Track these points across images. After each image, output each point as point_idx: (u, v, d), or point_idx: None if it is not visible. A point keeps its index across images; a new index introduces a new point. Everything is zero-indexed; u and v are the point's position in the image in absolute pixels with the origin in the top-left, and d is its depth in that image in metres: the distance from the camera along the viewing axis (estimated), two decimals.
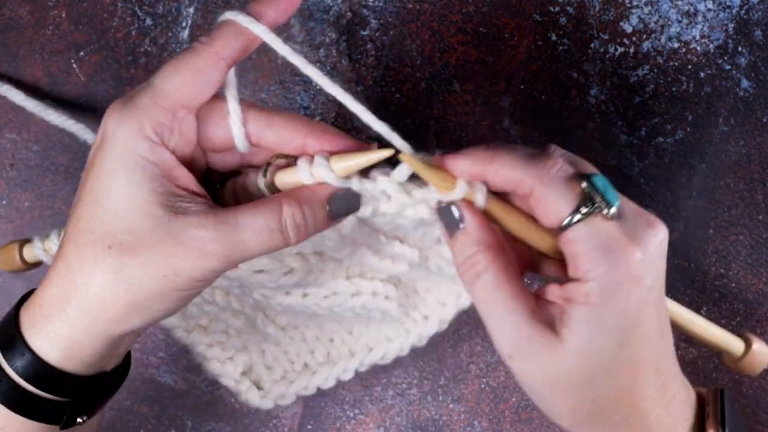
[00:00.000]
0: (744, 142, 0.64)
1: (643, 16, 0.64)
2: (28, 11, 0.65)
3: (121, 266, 0.40)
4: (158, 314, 0.42)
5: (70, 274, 0.41)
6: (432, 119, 0.65)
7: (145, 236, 0.40)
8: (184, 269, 0.40)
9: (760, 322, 0.64)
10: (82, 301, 0.41)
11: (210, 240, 0.40)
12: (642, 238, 0.40)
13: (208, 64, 0.42)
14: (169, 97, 0.41)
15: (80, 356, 0.42)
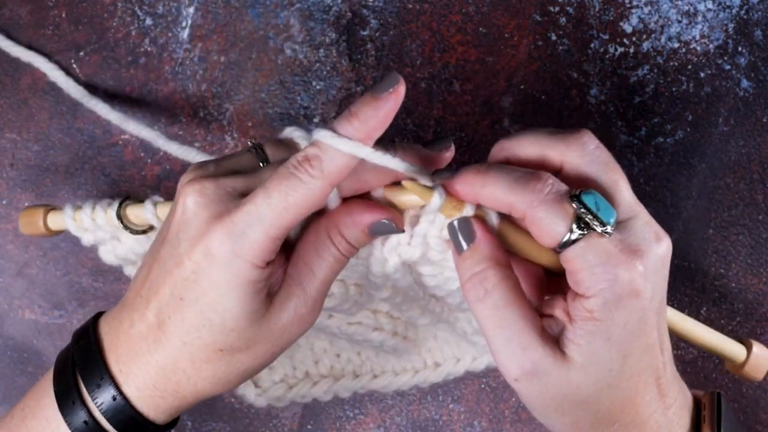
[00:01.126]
0: (744, 142, 0.64)
1: (643, 16, 0.64)
2: (28, 11, 0.65)
3: (233, 360, 0.44)
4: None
5: (179, 366, 0.44)
6: (432, 119, 0.65)
7: (254, 336, 0.44)
8: (289, 340, 0.45)
9: (760, 322, 0.64)
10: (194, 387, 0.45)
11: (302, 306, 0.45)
12: (644, 251, 0.40)
13: (321, 198, 0.42)
14: (280, 229, 0.42)
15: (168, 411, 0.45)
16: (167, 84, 0.65)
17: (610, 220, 0.40)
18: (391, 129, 0.64)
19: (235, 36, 0.65)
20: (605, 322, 0.40)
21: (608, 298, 0.40)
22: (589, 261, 0.40)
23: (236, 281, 0.42)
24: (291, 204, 0.41)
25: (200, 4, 0.65)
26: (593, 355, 0.41)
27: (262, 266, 0.42)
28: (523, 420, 0.65)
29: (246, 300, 0.42)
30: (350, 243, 0.44)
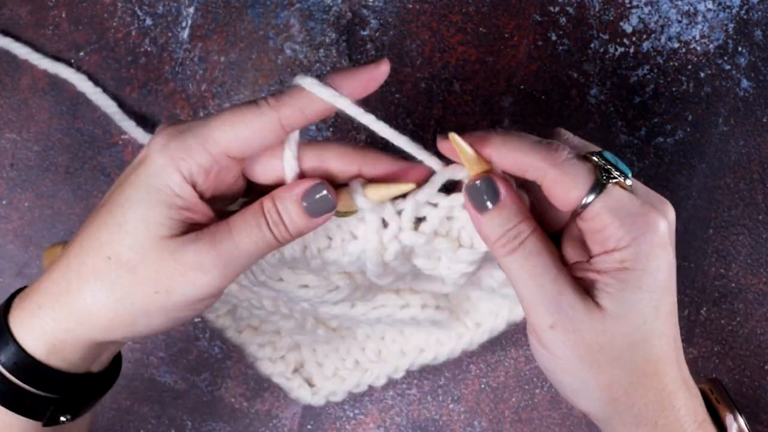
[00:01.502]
0: (744, 142, 0.64)
1: (643, 16, 0.64)
2: (28, 11, 0.65)
3: (116, 278, 0.41)
4: (143, 330, 0.43)
5: (68, 274, 0.42)
6: (432, 119, 0.65)
7: (145, 254, 0.41)
8: (178, 286, 0.41)
9: (760, 322, 0.64)
10: (71, 303, 0.42)
11: (205, 251, 0.41)
12: (659, 208, 0.42)
13: (267, 129, 0.42)
14: (217, 146, 0.42)
15: (63, 354, 0.43)
16: (167, 84, 0.65)
17: (629, 173, 0.42)
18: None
19: (235, 36, 0.65)
20: (637, 271, 0.41)
21: (641, 247, 0.40)
22: (618, 212, 0.40)
23: (156, 178, 0.41)
24: (236, 122, 0.41)
25: (200, 4, 0.65)
26: (627, 303, 0.41)
27: (187, 179, 0.41)
28: (523, 420, 0.65)
29: (156, 209, 0.41)
30: (280, 214, 0.42)
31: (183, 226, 0.42)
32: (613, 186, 0.41)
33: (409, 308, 0.56)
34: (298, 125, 0.42)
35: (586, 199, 0.41)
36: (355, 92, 0.43)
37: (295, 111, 0.42)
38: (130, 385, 0.65)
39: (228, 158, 0.42)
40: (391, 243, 0.46)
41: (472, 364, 0.65)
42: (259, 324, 0.59)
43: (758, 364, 0.64)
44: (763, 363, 0.64)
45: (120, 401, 0.65)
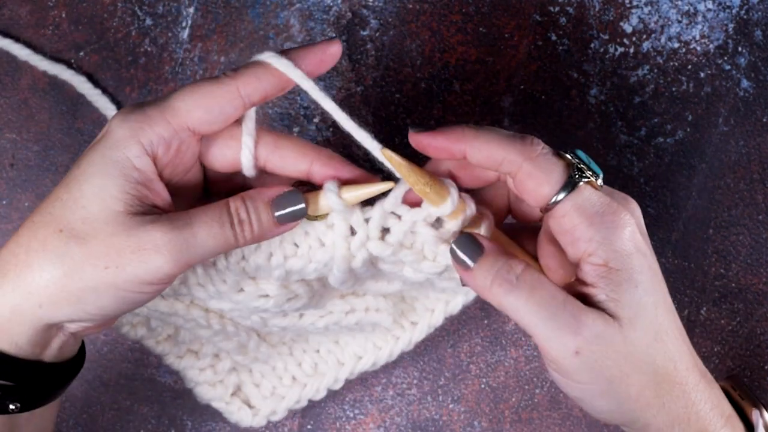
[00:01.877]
0: (744, 142, 0.64)
1: (643, 16, 0.64)
2: (28, 11, 0.65)
3: (65, 251, 0.40)
4: (91, 309, 0.41)
5: (17, 249, 0.41)
6: (432, 119, 0.65)
7: (97, 227, 0.40)
8: (129, 264, 0.40)
9: (760, 322, 0.64)
10: (18, 277, 0.41)
11: (162, 236, 0.40)
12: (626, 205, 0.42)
13: (225, 97, 0.42)
14: (177, 116, 0.41)
15: (9, 334, 0.41)
16: (167, 84, 0.65)
17: (601, 173, 0.42)
18: (391, 129, 0.65)
19: (235, 36, 0.65)
20: (625, 270, 0.40)
21: (615, 244, 0.40)
22: (587, 211, 0.40)
23: (113, 150, 0.40)
24: (196, 90, 0.41)
25: (200, 4, 0.65)
26: (633, 304, 0.40)
27: (147, 151, 0.41)
28: (523, 420, 0.65)
29: (112, 181, 0.40)
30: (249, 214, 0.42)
31: (139, 204, 0.41)
32: (584, 185, 0.41)
33: (354, 313, 0.56)
34: (256, 96, 0.43)
35: (557, 197, 0.41)
36: (310, 69, 0.43)
37: (252, 81, 0.42)
38: (130, 385, 0.65)
39: (188, 131, 0.42)
40: (359, 251, 0.46)
41: (472, 364, 0.65)
42: (200, 348, 0.59)
43: (758, 364, 0.64)
44: (763, 363, 0.64)
45: (120, 401, 0.65)
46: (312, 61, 0.43)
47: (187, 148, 0.43)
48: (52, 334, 0.43)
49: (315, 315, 0.55)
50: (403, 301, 0.60)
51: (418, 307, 0.59)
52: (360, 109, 0.65)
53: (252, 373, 0.61)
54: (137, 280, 0.41)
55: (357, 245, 0.45)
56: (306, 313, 0.54)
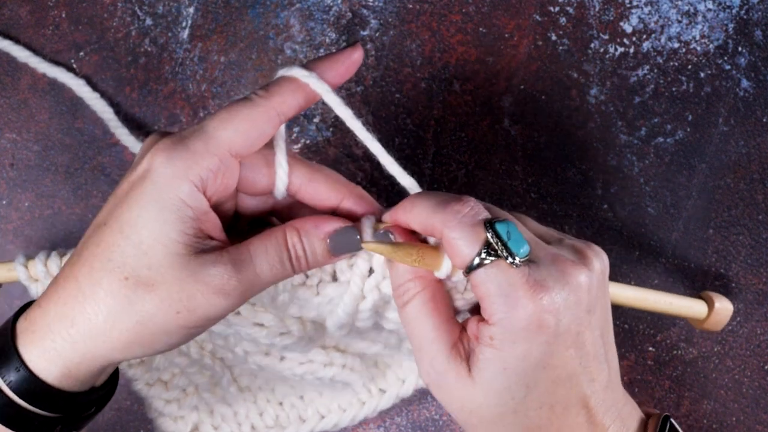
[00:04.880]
0: (744, 142, 0.64)
1: (643, 16, 0.64)
2: (28, 11, 0.65)
3: (135, 298, 0.41)
4: (161, 348, 0.43)
5: (80, 296, 0.41)
6: (432, 119, 0.65)
7: (164, 273, 0.41)
8: (199, 307, 0.41)
9: (760, 322, 0.64)
10: (88, 326, 0.41)
11: (228, 277, 0.41)
12: (551, 286, 0.40)
13: (263, 118, 0.42)
14: (220, 146, 0.42)
15: (77, 376, 0.42)
16: (167, 84, 0.65)
17: (520, 252, 0.41)
18: (392, 129, 0.65)
19: (235, 36, 0.65)
20: (503, 352, 0.41)
21: (507, 328, 0.40)
22: (492, 289, 0.40)
23: (163, 191, 0.40)
24: (233, 118, 0.42)
25: (200, 4, 0.65)
26: (492, 380, 0.41)
27: (195, 183, 0.41)
28: None
29: (171, 225, 0.40)
30: (305, 250, 0.43)
31: (197, 240, 0.41)
32: (494, 263, 0.41)
33: (332, 367, 0.56)
34: (290, 111, 0.43)
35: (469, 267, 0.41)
36: (336, 79, 0.44)
37: (285, 98, 0.43)
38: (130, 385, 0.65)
39: (231, 157, 0.42)
40: (371, 292, 0.46)
41: None
42: (170, 378, 0.58)
43: (758, 364, 0.64)
44: (763, 363, 0.64)
45: (120, 401, 0.65)
46: (338, 72, 0.44)
47: (231, 174, 0.43)
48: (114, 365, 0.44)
49: (295, 361, 0.55)
50: (376, 367, 0.60)
51: (389, 375, 0.60)
52: (360, 109, 0.65)
53: (213, 415, 0.60)
54: (206, 318, 0.42)
55: (371, 286, 0.46)
56: (287, 356, 0.54)
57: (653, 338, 0.64)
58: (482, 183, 0.64)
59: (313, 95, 0.43)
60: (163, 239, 0.40)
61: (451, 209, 0.41)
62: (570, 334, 0.41)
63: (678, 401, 0.64)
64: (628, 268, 0.64)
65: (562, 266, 0.41)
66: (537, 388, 0.41)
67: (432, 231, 0.42)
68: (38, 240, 0.65)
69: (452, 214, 0.41)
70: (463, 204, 0.42)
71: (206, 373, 0.57)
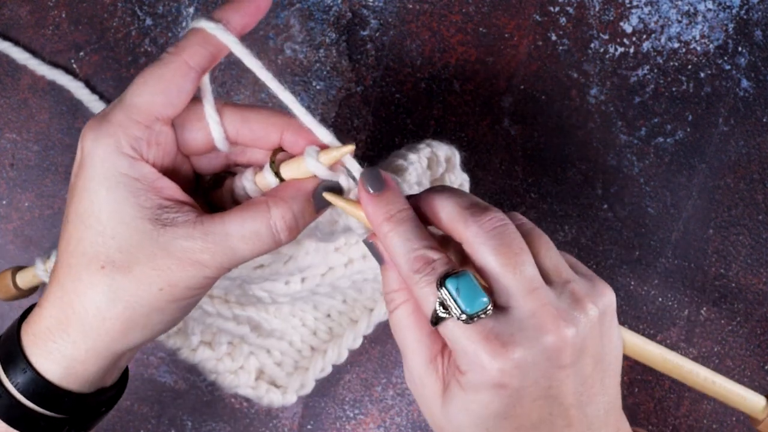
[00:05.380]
0: (744, 142, 0.64)
1: (643, 16, 0.64)
2: (28, 11, 0.65)
3: (116, 285, 0.40)
4: (158, 326, 0.42)
5: (66, 297, 0.41)
6: (432, 119, 0.65)
7: (136, 252, 0.40)
8: (179, 280, 0.41)
9: (760, 322, 0.64)
10: (82, 323, 0.41)
11: (200, 250, 0.40)
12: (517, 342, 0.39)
13: (177, 74, 0.42)
14: (142, 112, 0.41)
15: (83, 374, 0.42)
16: None
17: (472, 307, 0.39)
18: (391, 129, 0.65)
19: None
20: (468, 395, 0.40)
21: (470, 378, 0.40)
22: (452, 344, 0.40)
23: (106, 172, 0.40)
24: (148, 80, 0.41)
25: (200, 4, 0.65)
26: (458, 414, 0.41)
27: (130, 154, 0.40)
28: None
29: (120, 195, 0.40)
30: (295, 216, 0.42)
31: (160, 212, 0.41)
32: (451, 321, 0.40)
33: (353, 263, 0.55)
34: (205, 62, 0.42)
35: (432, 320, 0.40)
36: (243, 24, 0.43)
37: (197, 50, 0.42)
38: (130, 385, 0.64)
39: (157, 120, 0.42)
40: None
41: None
42: (212, 338, 0.59)
43: (758, 364, 0.64)
44: (763, 363, 0.64)
45: (120, 401, 0.65)
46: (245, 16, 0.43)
47: (165, 137, 0.43)
48: (121, 358, 0.44)
49: (317, 275, 0.55)
50: None
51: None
52: (360, 109, 0.65)
53: (271, 353, 0.61)
54: (189, 289, 0.41)
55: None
56: (308, 276, 0.54)
57: (653, 338, 0.64)
58: (482, 183, 0.64)
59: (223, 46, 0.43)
60: (124, 218, 0.40)
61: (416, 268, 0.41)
62: (538, 388, 0.40)
63: (678, 401, 0.64)
64: (628, 268, 0.64)
65: (541, 320, 0.39)
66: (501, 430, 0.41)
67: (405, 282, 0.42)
68: (38, 240, 0.65)
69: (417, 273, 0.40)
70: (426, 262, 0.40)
71: (244, 322, 0.57)
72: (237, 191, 0.45)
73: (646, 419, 0.65)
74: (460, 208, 0.41)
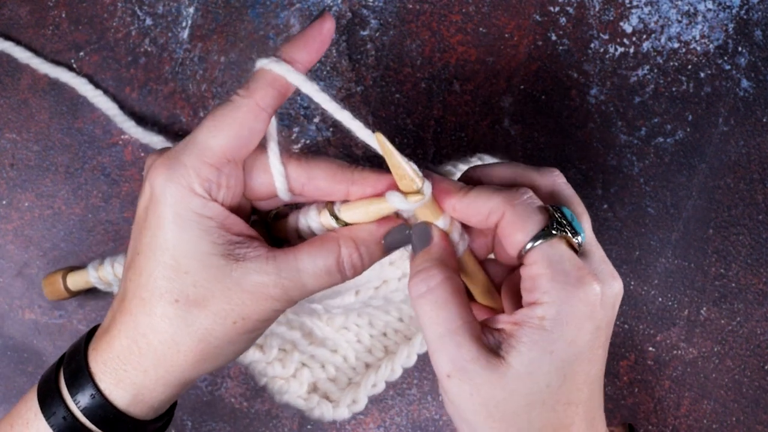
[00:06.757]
0: (744, 142, 0.64)
1: (643, 16, 0.64)
2: (28, 11, 0.65)
3: (191, 318, 0.42)
4: (230, 357, 0.44)
5: (140, 328, 0.42)
6: (432, 119, 0.65)
7: (210, 287, 0.41)
8: (252, 313, 0.42)
9: (760, 322, 0.64)
10: (155, 353, 0.42)
11: (273, 285, 0.42)
12: (603, 279, 0.41)
13: (250, 117, 0.42)
14: (215, 154, 0.42)
15: (149, 402, 0.43)
16: (167, 84, 0.65)
17: (582, 234, 0.41)
18: (392, 129, 0.65)
19: (235, 36, 0.65)
20: (553, 334, 0.39)
21: (562, 308, 0.39)
22: (554, 266, 0.40)
23: (178, 211, 0.41)
24: (220, 122, 0.42)
25: (200, 4, 0.65)
26: (532, 364, 0.40)
27: (203, 195, 0.41)
28: None
29: (199, 240, 0.41)
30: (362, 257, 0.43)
31: (232, 247, 0.42)
32: (559, 240, 0.41)
33: (406, 277, 0.55)
34: (274, 103, 0.43)
35: (530, 244, 0.41)
36: (310, 58, 0.44)
37: (266, 91, 0.43)
38: None
39: (228, 162, 0.42)
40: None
41: None
42: (264, 341, 0.59)
43: (758, 364, 0.64)
44: (763, 363, 0.64)
45: None
46: (311, 51, 0.44)
47: (235, 178, 0.43)
48: (188, 386, 0.45)
49: (371, 288, 0.55)
50: None
51: None
52: (360, 109, 0.65)
53: (325, 368, 0.61)
54: (260, 321, 0.43)
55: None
56: (361, 288, 0.54)
57: (653, 338, 0.64)
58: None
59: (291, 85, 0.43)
60: (198, 255, 0.41)
61: (514, 191, 0.42)
62: (603, 334, 0.41)
63: (678, 401, 0.64)
64: (628, 268, 0.64)
65: (611, 269, 0.42)
66: (572, 380, 0.40)
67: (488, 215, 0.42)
68: (38, 240, 0.65)
69: (516, 194, 0.42)
70: (522, 190, 0.42)
71: (296, 327, 0.57)
72: (302, 227, 0.46)
73: (646, 419, 0.65)
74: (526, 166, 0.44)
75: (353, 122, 0.43)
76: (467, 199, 0.42)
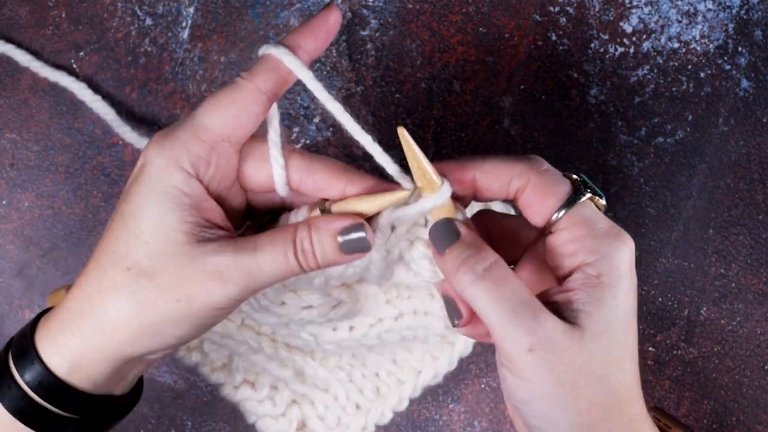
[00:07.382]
0: (744, 142, 0.64)
1: (643, 16, 0.64)
2: (28, 11, 0.65)
3: (137, 288, 0.41)
4: (169, 340, 0.43)
5: (88, 290, 0.42)
6: (432, 119, 0.65)
7: (164, 261, 0.41)
8: (198, 294, 0.41)
9: (760, 322, 0.64)
10: (95, 318, 0.42)
11: (227, 265, 0.41)
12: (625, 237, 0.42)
13: (249, 99, 0.43)
14: (209, 131, 0.42)
15: (88, 372, 0.43)
16: (167, 84, 0.65)
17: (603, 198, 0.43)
18: (391, 129, 0.65)
19: (235, 36, 0.65)
20: (612, 287, 0.40)
21: (614, 262, 0.40)
22: (592, 225, 0.41)
23: (158, 182, 0.41)
24: (220, 102, 0.42)
25: (200, 4, 0.65)
26: (604, 320, 0.40)
27: (187, 170, 0.41)
28: None
29: (170, 213, 0.41)
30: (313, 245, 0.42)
31: (198, 228, 0.42)
32: (588, 201, 0.42)
33: (403, 317, 0.54)
34: (276, 88, 0.43)
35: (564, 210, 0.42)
36: (316, 48, 0.44)
37: (268, 76, 0.43)
38: None
39: (223, 143, 0.42)
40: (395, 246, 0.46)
41: (472, 364, 0.65)
42: (256, 378, 0.58)
43: (758, 364, 0.64)
44: (763, 363, 0.64)
45: None
46: (317, 40, 0.44)
47: (227, 161, 0.43)
48: (131, 367, 0.44)
49: (365, 325, 0.54)
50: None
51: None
52: (360, 109, 0.65)
53: (315, 406, 0.60)
54: (208, 308, 0.42)
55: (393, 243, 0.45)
56: (356, 325, 0.54)
57: (653, 338, 0.64)
58: None
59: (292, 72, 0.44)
60: (164, 227, 0.41)
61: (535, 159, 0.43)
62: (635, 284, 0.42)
63: (678, 401, 0.64)
64: None
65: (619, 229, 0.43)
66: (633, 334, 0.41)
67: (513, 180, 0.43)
68: (38, 240, 0.65)
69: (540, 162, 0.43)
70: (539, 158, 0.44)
71: (288, 365, 0.56)
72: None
73: None
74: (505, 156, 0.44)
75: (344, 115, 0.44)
76: (487, 165, 0.43)
